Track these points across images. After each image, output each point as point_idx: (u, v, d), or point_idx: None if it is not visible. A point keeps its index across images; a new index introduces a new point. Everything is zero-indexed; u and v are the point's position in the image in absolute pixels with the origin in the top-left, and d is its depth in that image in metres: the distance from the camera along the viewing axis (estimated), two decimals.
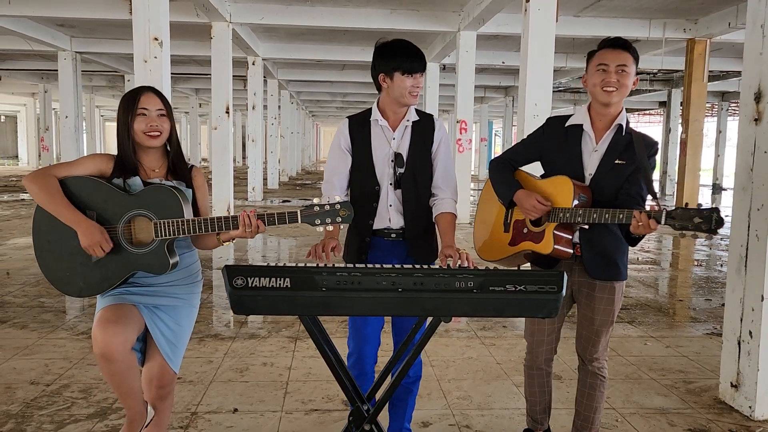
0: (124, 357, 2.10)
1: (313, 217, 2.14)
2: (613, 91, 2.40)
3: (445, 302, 1.93)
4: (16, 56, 17.27)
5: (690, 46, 11.64)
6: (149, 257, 2.18)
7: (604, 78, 2.40)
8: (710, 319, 5.30)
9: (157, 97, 2.27)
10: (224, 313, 5.22)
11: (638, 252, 8.85)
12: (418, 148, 2.56)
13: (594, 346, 2.59)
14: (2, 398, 3.36)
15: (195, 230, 2.15)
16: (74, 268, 2.21)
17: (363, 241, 2.55)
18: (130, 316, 2.17)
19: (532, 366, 2.74)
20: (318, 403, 3.39)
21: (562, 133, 2.54)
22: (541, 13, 7.00)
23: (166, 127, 2.27)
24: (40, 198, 2.16)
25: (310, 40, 14.07)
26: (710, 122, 26.98)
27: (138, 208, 2.18)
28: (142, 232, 2.19)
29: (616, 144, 2.45)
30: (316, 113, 39.55)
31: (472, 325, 4.91)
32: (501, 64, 14.84)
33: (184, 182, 2.34)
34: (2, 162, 32.23)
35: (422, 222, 2.58)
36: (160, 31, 6.90)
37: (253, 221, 2.15)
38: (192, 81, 22.34)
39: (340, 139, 2.58)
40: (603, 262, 2.48)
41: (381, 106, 2.57)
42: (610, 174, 2.43)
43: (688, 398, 3.56)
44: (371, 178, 2.54)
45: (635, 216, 2.18)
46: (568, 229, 2.45)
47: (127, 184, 2.23)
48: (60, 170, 2.21)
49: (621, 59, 2.40)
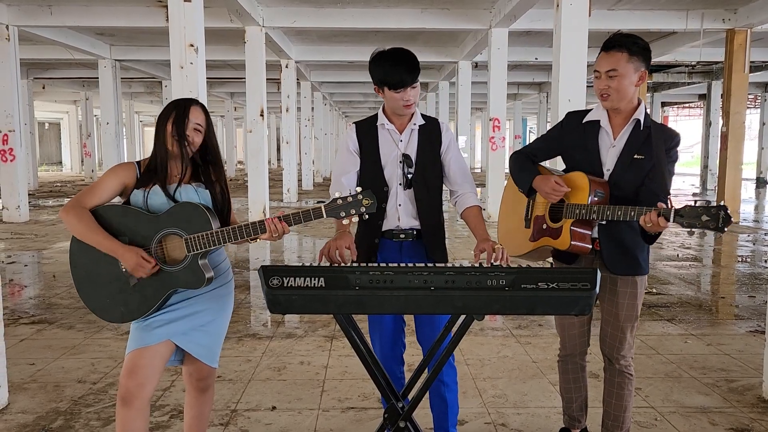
0: (140, 406, 2.19)
1: (337, 210, 2.15)
2: (608, 97, 2.39)
3: (477, 300, 1.94)
4: (59, 65, 17.85)
5: (730, 36, 11.33)
6: (185, 273, 2.22)
7: (598, 86, 2.41)
8: (753, 316, 5.17)
9: (203, 112, 2.33)
10: (261, 313, 5.32)
11: (679, 249, 8.67)
12: (426, 150, 2.59)
13: (621, 343, 2.57)
14: (51, 396, 3.49)
15: (225, 240, 2.20)
16: (114, 295, 2.26)
17: (372, 242, 2.58)
18: (155, 363, 2.23)
19: (566, 359, 2.74)
20: (354, 401, 3.43)
21: (580, 128, 2.54)
22: (573, 8, 6.94)
23: (196, 140, 2.32)
24: (78, 230, 2.23)
25: (341, 42, 14.18)
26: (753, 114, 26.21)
27: (167, 227, 2.22)
28: (174, 250, 2.24)
29: (635, 139, 2.43)
30: (349, 114, 39.74)
31: (508, 324, 4.89)
32: (534, 60, 14.70)
33: (203, 184, 2.38)
34: (47, 168, 33.28)
35: (435, 221, 2.62)
36: (196, 37, 7.06)
37: (278, 226, 2.19)
38: (227, 85, 22.74)
39: (348, 143, 2.62)
40: (623, 257, 2.47)
41: (386, 112, 2.62)
42: (629, 169, 2.41)
43: (730, 397, 3.48)
44: (380, 179, 2.57)
45: (644, 215, 2.19)
46: (586, 224, 2.45)
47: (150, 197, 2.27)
48: (88, 199, 2.27)
49: (610, 63, 2.37)
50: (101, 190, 2.29)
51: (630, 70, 2.36)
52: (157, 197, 2.28)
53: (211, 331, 2.37)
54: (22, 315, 5.21)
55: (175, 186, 2.32)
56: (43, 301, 5.70)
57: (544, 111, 24.30)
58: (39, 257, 8.15)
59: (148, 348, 2.24)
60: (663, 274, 6.91)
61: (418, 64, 2.48)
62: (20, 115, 11.53)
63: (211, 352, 2.39)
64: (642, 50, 2.38)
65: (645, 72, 2.40)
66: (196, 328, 2.33)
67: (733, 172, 11.64)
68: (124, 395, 2.18)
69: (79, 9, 11.02)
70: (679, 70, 18.71)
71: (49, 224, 11.37)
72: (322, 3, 10.69)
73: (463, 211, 2.62)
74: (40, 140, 30.82)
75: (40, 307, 5.48)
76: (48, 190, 20.09)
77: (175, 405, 3.34)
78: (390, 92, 2.48)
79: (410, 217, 2.57)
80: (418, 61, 2.50)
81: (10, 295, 6.04)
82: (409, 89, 2.47)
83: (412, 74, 2.45)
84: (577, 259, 2.55)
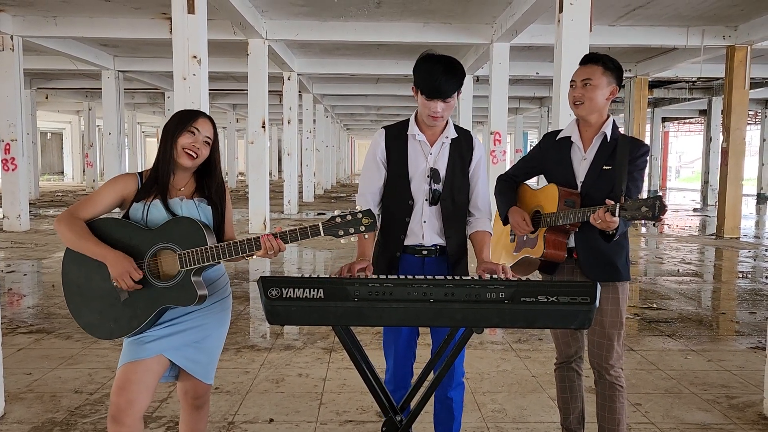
0: (131, 423, 2.13)
1: (335, 229, 2.10)
2: (581, 104, 2.55)
3: (476, 313, 1.94)
4: (62, 76, 17.94)
5: (730, 53, 11.39)
6: (176, 290, 2.16)
7: (571, 93, 2.58)
8: (754, 332, 5.15)
9: (211, 125, 2.31)
10: (260, 324, 5.30)
11: (679, 264, 8.65)
12: (456, 166, 2.51)
13: (608, 351, 2.60)
14: (48, 406, 3.47)
15: (219, 257, 2.15)
16: (104, 310, 2.21)
17: (393, 256, 2.51)
18: (147, 378, 2.19)
19: (563, 366, 2.79)
20: (352, 414, 3.41)
21: (555, 145, 2.70)
22: (574, 24, 6.98)
23: (204, 153, 2.28)
24: (68, 237, 2.19)
25: (344, 55, 14.26)
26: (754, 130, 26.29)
27: (162, 242, 2.18)
28: (168, 266, 2.19)
29: (603, 151, 2.57)
30: (351, 126, 39.90)
31: (508, 338, 4.87)
32: (535, 75, 14.77)
33: (205, 199, 2.35)
34: (49, 177, 33.35)
35: (461, 238, 2.56)
36: (199, 49, 7.10)
37: (273, 244, 2.15)
38: (229, 96, 22.84)
39: (377, 151, 2.54)
40: (600, 264, 2.56)
41: (418, 119, 2.52)
42: (599, 179, 2.54)
43: (731, 414, 3.46)
44: (406, 192, 2.50)
45: (593, 213, 2.32)
46: (561, 233, 2.58)
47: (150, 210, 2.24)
48: (82, 209, 2.23)
49: (586, 74, 2.53)
50: (97, 201, 2.25)
51: (603, 83, 2.53)
52: (157, 211, 2.24)
53: (207, 347, 2.33)
54: (20, 324, 5.19)
55: (177, 200, 2.29)
56: (41, 311, 5.69)
57: (545, 125, 24.38)
58: (38, 267, 8.14)
59: (140, 362, 2.19)
60: (663, 290, 6.89)
61: (461, 79, 2.37)
62: (23, 125, 11.57)
63: (206, 368, 2.34)
64: (615, 68, 2.55)
65: (616, 88, 2.57)
66: (190, 344, 2.28)
67: (734, 188, 11.65)
68: (114, 413, 2.13)
69: (84, 20, 11.10)
70: (680, 86, 18.79)
71: (50, 234, 11.37)
72: (324, 16, 10.76)
73: (473, 233, 2.57)
74: (42, 150, 30.93)
75: (39, 317, 5.46)
76: (49, 199, 20.11)
77: (171, 417, 3.31)
78: (422, 98, 2.38)
79: (435, 233, 2.50)
80: (462, 75, 2.38)
81: (8, 304, 6.03)
82: (440, 102, 2.37)
83: (450, 88, 2.34)
84: (557, 269, 2.65)
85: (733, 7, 9.93)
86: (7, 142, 11.29)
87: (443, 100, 2.37)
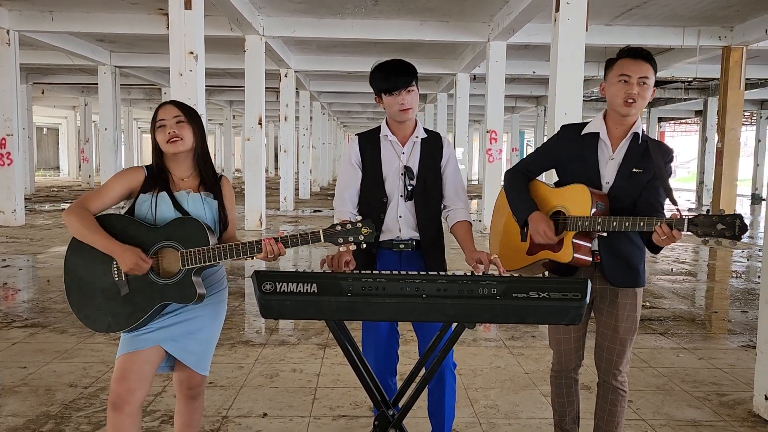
0: (131, 411, 2.18)
1: (336, 236, 2.16)
2: (633, 103, 2.37)
3: (469, 308, 1.96)
4: (58, 71, 17.90)
5: (726, 53, 11.44)
6: (176, 288, 2.20)
7: (626, 90, 2.37)
8: (746, 331, 5.19)
9: (174, 106, 2.33)
10: (255, 320, 5.31)
11: (673, 263, 8.70)
12: (428, 164, 2.65)
13: (620, 357, 2.54)
14: (42, 399, 3.48)
15: (220, 257, 2.19)
16: (103, 304, 2.24)
17: (369, 252, 2.59)
18: (146, 369, 2.23)
19: (560, 374, 2.70)
20: (346, 409, 3.43)
21: (578, 140, 2.52)
22: (570, 23, 7.00)
23: (186, 133, 2.30)
24: (77, 229, 2.21)
25: (341, 52, 14.26)
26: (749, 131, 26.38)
27: (165, 240, 2.22)
28: (169, 264, 2.23)
29: (633, 152, 2.44)
30: (348, 124, 39.89)
31: (501, 335, 4.90)
32: (532, 74, 14.79)
33: (212, 193, 2.38)
34: (44, 173, 33.25)
35: (435, 233, 2.66)
36: (196, 45, 7.10)
37: (274, 248, 2.19)
38: (226, 93, 22.81)
39: (351, 155, 2.68)
40: (623, 269, 2.46)
41: (389, 123, 2.67)
42: (628, 182, 2.42)
43: (721, 411, 3.49)
44: (380, 190, 2.62)
45: (656, 229, 2.17)
46: (587, 237, 2.43)
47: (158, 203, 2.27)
48: (92, 202, 2.27)
49: (643, 71, 2.37)
50: (106, 193, 2.29)
51: (652, 83, 2.40)
52: (165, 204, 2.28)
53: (202, 338, 2.36)
54: (15, 318, 5.20)
55: (183, 193, 2.32)
56: (36, 305, 5.69)
57: (541, 124, 24.43)
58: (34, 261, 8.13)
59: (138, 352, 2.23)
60: (657, 288, 6.93)
61: (414, 70, 2.56)
62: (18, 120, 11.54)
63: (201, 359, 2.37)
64: (656, 70, 2.44)
65: (654, 90, 2.44)
66: (186, 335, 2.31)
67: (728, 188, 11.71)
68: (115, 400, 2.18)
69: (81, 15, 11.07)
70: (676, 86, 18.85)
71: (45, 228, 11.35)
72: (322, 13, 10.76)
73: (453, 225, 2.67)
74: (38, 145, 30.82)
75: (34, 311, 5.46)
76: (44, 194, 20.06)
77: (166, 410, 3.33)
78: (387, 98, 2.55)
79: (410, 228, 2.63)
80: (414, 67, 2.58)
81: (3, 298, 6.03)
82: (404, 93, 2.53)
83: (407, 77, 2.52)
84: (576, 272, 2.51)
85: (729, 8, 9.97)
86: (3, 137, 11.26)
87: (406, 89, 2.52)
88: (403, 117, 2.58)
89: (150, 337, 2.25)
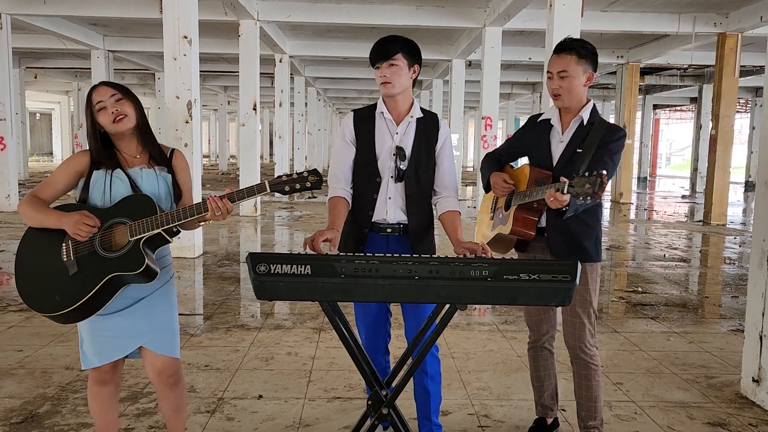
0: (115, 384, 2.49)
1: (282, 185, 2.20)
2: (560, 97, 2.60)
3: (460, 290, 1.99)
4: (51, 55, 17.74)
5: (721, 40, 11.44)
6: (123, 258, 2.18)
7: (550, 85, 2.62)
8: (736, 315, 5.25)
9: (108, 86, 2.32)
10: (251, 304, 5.35)
11: (665, 249, 8.76)
12: (421, 145, 2.60)
13: (581, 330, 2.68)
14: (39, 382, 3.51)
15: (166, 222, 2.19)
16: (51, 283, 2.20)
17: (361, 232, 2.60)
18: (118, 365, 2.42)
19: (536, 346, 2.90)
20: (340, 391, 3.47)
21: (536, 127, 2.77)
22: (566, 9, 6.99)
23: (128, 110, 2.30)
24: (30, 215, 2.24)
25: (336, 38, 14.19)
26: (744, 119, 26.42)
27: (115, 217, 2.23)
28: (119, 237, 2.22)
29: (578, 135, 2.63)
30: (343, 110, 39.73)
31: (495, 319, 4.95)
32: (527, 60, 14.77)
33: (165, 167, 2.39)
34: (38, 158, 33.08)
35: (424, 216, 2.63)
36: (190, 29, 7.05)
37: (219, 204, 2.19)
38: (220, 78, 22.67)
39: (345, 131, 2.64)
40: (567, 244, 2.62)
41: (384, 100, 2.65)
42: (570, 162, 2.60)
43: (709, 393, 3.55)
44: (373, 169, 2.59)
45: (547, 192, 2.36)
46: (531, 211, 2.64)
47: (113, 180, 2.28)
48: (43, 191, 2.29)
49: (561, 65, 2.56)
50: (56, 180, 2.31)
51: (579, 72, 2.56)
52: (120, 181, 2.29)
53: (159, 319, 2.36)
54: (10, 303, 5.21)
55: (137, 170, 2.33)
56: None
57: (536, 110, 24.30)
58: None
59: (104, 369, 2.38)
60: (649, 274, 6.99)
61: (401, 45, 2.50)
62: (11, 105, 11.48)
63: (166, 341, 2.37)
64: (590, 54, 2.57)
65: (592, 74, 2.60)
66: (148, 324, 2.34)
67: (722, 175, 11.75)
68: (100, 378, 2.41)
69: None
70: (671, 73, 18.84)
71: None
72: None
73: (443, 214, 2.64)
74: (31, 130, 30.62)
75: None
76: (38, 180, 19.98)
77: None
78: (375, 72, 2.56)
79: (399, 210, 2.59)
80: (403, 42, 2.52)
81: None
82: (385, 66, 2.50)
83: (390, 48, 2.49)
84: (528, 247, 2.74)
85: None
86: None
87: (387, 61, 2.49)
88: (384, 91, 2.56)
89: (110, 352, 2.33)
